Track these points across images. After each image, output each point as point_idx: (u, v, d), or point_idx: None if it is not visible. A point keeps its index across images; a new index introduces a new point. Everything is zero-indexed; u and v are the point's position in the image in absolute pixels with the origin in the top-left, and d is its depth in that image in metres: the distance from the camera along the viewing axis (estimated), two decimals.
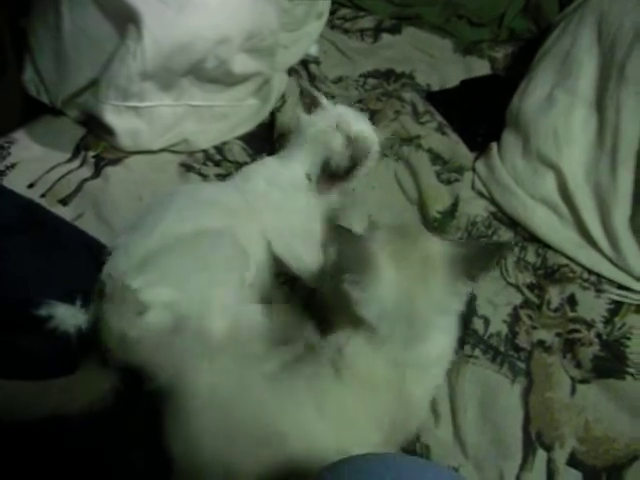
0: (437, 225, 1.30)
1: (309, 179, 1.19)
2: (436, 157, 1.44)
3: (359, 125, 1.19)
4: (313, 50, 1.72)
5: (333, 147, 1.16)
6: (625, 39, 1.26)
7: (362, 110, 1.52)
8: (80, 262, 1.08)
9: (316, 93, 1.24)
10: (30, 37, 1.40)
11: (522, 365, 1.09)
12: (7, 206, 1.11)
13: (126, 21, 1.24)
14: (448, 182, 1.40)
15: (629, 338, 1.11)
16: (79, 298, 0.97)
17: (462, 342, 1.12)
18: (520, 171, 1.36)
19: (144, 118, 1.33)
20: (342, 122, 1.17)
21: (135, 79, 1.26)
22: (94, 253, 1.11)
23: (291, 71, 1.63)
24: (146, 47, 1.22)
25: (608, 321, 1.14)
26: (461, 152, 1.46)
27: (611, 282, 1.21)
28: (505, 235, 1.30)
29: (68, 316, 0.94)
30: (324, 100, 1.23)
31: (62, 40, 1.33)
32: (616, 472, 0.96)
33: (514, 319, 1.17)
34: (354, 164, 1.17)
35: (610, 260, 1.22)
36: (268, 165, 1.24)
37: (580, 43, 1.36)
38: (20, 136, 1.37)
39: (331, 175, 1.18)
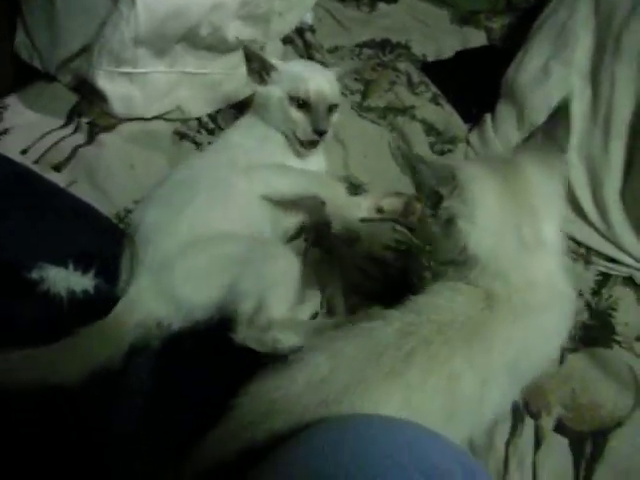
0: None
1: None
2: (430, 128, 1.43)
3: (314, 83, 1.15)
4: (308, 18, 1.70)
5: (293, 120, 1.15)
6: (621, 11, 1.26)
7: (357, 79, 1.52)
8: (74, 227, 1.08)
9: (265, 56, 1.19)
10: (22, 2, 1.39)
11: None
12: (0, 172, 1.11)
13: None
14: (441, 153, 1.40)
15: (615, 309, 1.13)
16: (72, 262, 0.97)
17: None
18: (514, 142, 1.35)
19: (137, 84, 1.31)
20: (294, 89, 1.14)
21: (128, 45, 1.25)
22: (88, 219, 1.11)
23: (286, 39, 1.61)
24: (139, 12, 1.21)
25: (596, 292, 1.16)
26: (455, 123, 1.47)
27: (600, 254, 1.22)
28: None
29: (60, 279, 0.94)
30: (274, 61, 1.19)
31: (54, 5, 1.31)
32: (601, 437, 0.98)
33: None
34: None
35: (600, 233, 1.23)
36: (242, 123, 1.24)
37: (577, 15, 1.36)
38: (13, 101, 1.35)
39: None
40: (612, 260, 1.21)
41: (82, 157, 1.26)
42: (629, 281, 1.17)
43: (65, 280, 0.94)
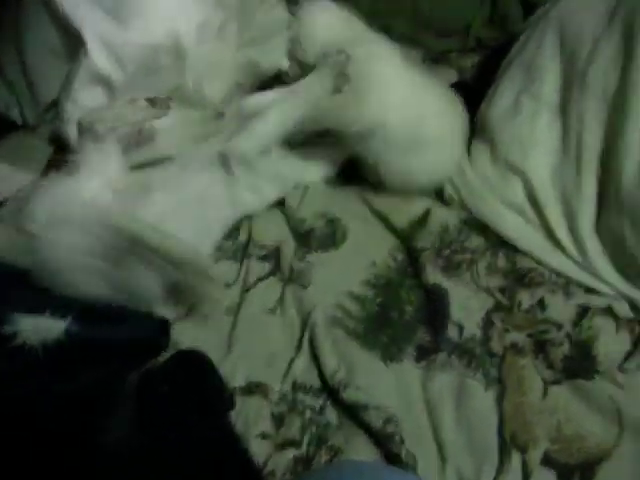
0: (407, 234, 1.32)
1: None
2: None
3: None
4: (284, 64, 1.72)
5: None
6: (585, 48, 1.29)
7: None
8: None
9: None
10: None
11: (495, 372, 1.11)
12: None
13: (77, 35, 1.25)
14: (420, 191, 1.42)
15: (596, 340, 1.13)
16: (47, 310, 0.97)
17: (437, 350, 1.14)
18: (489, 177, 1.38)
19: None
20: None
21: (88, 90, 1.27)
22: None
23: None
24: (94, 60, 1.24)
25: (576, 324, 1.16)
26: None
27: (579, 285, 1.22)
28: (476, 240, 1.32)
29: (33, 330, 0.94)
30: None
31: (26, 54, 1.33)
32: (589, 469, 0.98)
33: (487, 323, 1.18)
34: None
35: (577, 263, 1.24)
36: None
37: (544, 51, 1.39)
38: None
39: None
40: (591, 290, 1.22)
41: None
42: (608, 311, 1.17)
43: (39, 331, 0.94)
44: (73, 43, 1.30)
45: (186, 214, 1.19)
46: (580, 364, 1.10)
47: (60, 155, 1.30)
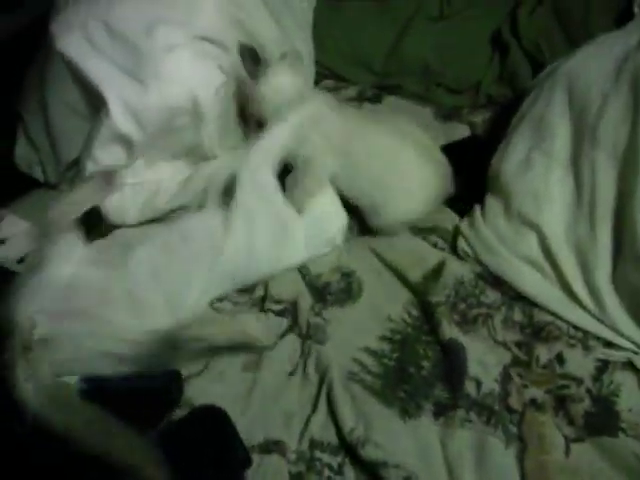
0: (422, 288, 1.32)
1: None
2: (419, 230, 1.46)
3: None
4: None
5: None
6: (594, 105, 1.31)
7: None
8: None
9: None
10: (22, 113, 1.46)
11: (514, 429, 1.09)
12: None
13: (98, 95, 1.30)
14: (434, 245, 1.43)
15: (618, 395, 1.12)
16: None
17: (455, 406, 1.12)
18: (503, 231, 1.38)
19: (127, 194, 1.36)
20: None
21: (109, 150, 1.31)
22: None
23: None
24: (115, 121, 1.28)
25: (597, 379, 1.15)
26: (446, 215, 1.50)
27: (598, 339, 1.21)
28: (492, 294, 1.32)
29: None
30: None
31: (49, 115, 1.38)
32: None
33: (505, 378, 1.17)
34: None
35: (595, 317, 1.23)
36: None
37: (553, 107, 1.42)
38: (9, 212, 1.40)
39: None
40: (610, 344, 1.20)
41: None
42: (629, 365, 1.16)
43: None
44: (94, 103, 1.35)
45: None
46: (603, 421, 1.08)
47: None
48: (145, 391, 1.11)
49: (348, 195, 1.43)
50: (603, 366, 1.17)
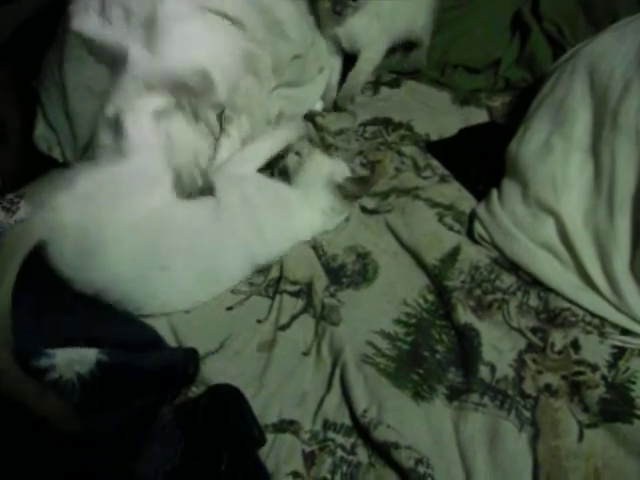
0: (437, 272, 1.31)
1: None
2: (435, 204, 1.47)
3: None
4: (318, 106, 1.78)
5: None
6: (616, 89, 1.30)
7: (362, 163, 1.59)
8: (86, 321, 1.11)
9: None
10: (41, 95, 1.47)
11: (528, 414, 1.09)
12: None
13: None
14: (450, 228, 1.43)
15: (634, 382, 1.11)
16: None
17: (469, 390, 1.12)
18: (520, 216, 1.38)
19: None
20: None
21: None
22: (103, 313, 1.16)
23: None
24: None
25: (612, 365, 1.14)
26: (463, 198, 1.50)
27: (614, 325, 1.21)
28: (508, 280, 1.32)
29: (68, 363, 0.96)
30: None
31: (67, 95, 1.39)
32: None
33: (519, 364, 1.17)
34: None
35: (612, 304, 1.22)
36: None
37: (574, 92, 1.40)
38: (29, 191, 1.40)
39: None
40: (626, 331, 1.20)
41: None
42: None
43: (72, 364, 0.96)
44: (112, 79, 1.36)
45: None
46: (618, 407, 1.08)
47: None
48: (163, 365, 1.12)
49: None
50: (619, 353, 1.16)
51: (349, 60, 1.82)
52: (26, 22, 1.65)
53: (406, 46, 1.94)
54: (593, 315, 1.23)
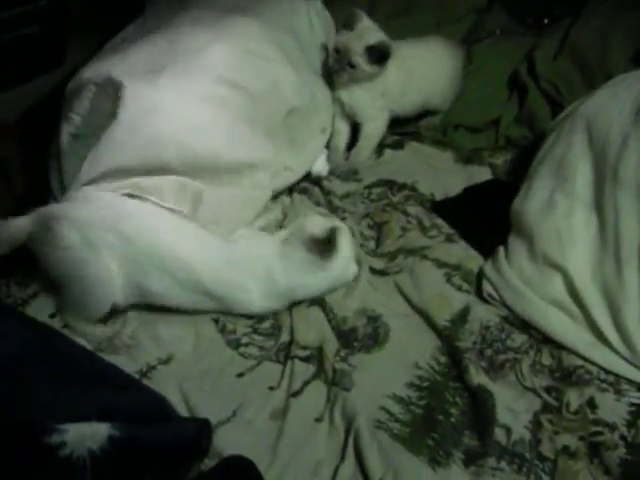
0: (448, 333, 1.31)
1: None
2: (443, 264, 1.47)
3: None
4: (324, 169, 1.80)
5: None
6: (614, 144, 1.32)
7: (369, 225, 1.61)
8: (93, 387, 1.11)
9: None
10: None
11: (547, 478, 1.07)
12: (28, 335, 1.16)
13: None
14: (459, 288, 1.43)
15: None
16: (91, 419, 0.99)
17: (485, 454, 1.10)
18: (528, 273, 1.38)
19: None
20: None
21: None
22: (107, 376, 1.15)
23: (302, 190, 1.72)
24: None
25: (631, 424, 1.12)
26: (471, 257, 1.50)
27: (630, 381, 1.19)
28: (519, 338, 1.31)
29: (80, 440, 0.96)
30: None
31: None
32: None
33: (535, 425, 1.15)
34: None
35: (626, 360, 1.21)
36: None
37: (573, 149, 1.42)
38: None
39: None
40: None
41: None
42: None
43: (84, 440, 0.95)
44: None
45: None
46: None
47: None
48: (175, 439, 1.10)
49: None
50: (637, 411, 1.14)
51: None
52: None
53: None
54: (608, 372, 1.22)
